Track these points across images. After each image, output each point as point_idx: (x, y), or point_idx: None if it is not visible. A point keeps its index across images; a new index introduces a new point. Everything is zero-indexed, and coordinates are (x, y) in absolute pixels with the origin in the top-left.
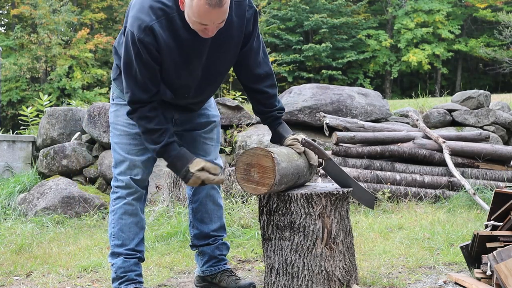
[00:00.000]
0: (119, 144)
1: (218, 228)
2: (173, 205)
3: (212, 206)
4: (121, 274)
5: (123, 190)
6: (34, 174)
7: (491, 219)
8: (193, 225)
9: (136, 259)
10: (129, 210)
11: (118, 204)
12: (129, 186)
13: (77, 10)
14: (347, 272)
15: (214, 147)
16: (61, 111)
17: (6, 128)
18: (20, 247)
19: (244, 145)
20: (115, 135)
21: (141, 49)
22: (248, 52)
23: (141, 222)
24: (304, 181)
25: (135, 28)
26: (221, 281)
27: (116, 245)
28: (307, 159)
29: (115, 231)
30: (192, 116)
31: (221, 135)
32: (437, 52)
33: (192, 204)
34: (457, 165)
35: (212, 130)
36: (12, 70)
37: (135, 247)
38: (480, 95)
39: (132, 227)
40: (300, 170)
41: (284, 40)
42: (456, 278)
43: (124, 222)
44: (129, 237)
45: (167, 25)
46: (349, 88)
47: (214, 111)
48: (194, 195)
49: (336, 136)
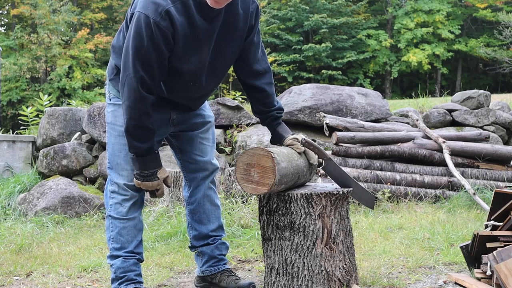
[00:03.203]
0: (117, 144)
1: (216, 228)
2: (173, 205)
3: (210, 207)
4: (121, 274)
5: (119, 196)
6: (34, 174)
7: (491, 219)
8: (191, 226)
9: (135, 259)
10: (126, 215)
11: (115, 210)
12: (125, 192)
13: (77, 10)
14: (347, 272)
15: (211, 147)
16: (61, 111)
17: (6, 128)
18: (20, 247)
19: (244, 145)
20: (112, 135)
21: (155, 33)
22: (249, 46)
23: (139, 225)
24: (304, 181)
25: (151, 11)
26: (221, 281)
27: (115, 248)
28: (307, 159)
29: (113, 235)
30: (189, 116)
31: (221, 135)
32: (437, 52)
33: (190, 206)
34: (457, 165)
35: (208, 130)
36: (12, 70)
37: (133, 249)
38: (480, 95)
39: (130, 230)
40: (300, 170)
41: (284, 40)
42: (456, 278)
43: (122, 225)
44: (128, 240)
45: (182, 9)
46: (349, 88)
47: (209, 112)
48: (191, 197)
49: (336, 136)
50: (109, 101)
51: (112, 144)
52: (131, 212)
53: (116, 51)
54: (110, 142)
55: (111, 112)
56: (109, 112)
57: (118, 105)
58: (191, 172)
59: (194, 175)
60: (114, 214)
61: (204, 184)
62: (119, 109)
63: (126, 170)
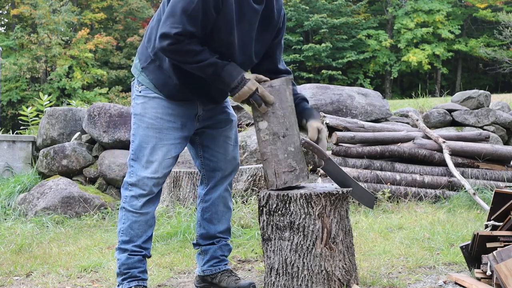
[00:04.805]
0: (145, 136)
1: (224, 230)
2: (173, 205)
3: (223, 208)
4: (124, 270)
5: (138, 190)
6: (34, 174)
7: (491, 219)
8: (200, 224)
9: (141, 256)
10: (140, 209)
11: (129, 203)
12: (144, 186)
13: (77, 10)
14: (347, 272)
15: (233, 147)
16: (61, 111)
17: (6, 128)
18: (20, 247)
19: (244, 145)
20: (140, 127)
21: None
22: (277, 45)
23: (151, 220)
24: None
25: None
26: (221, 281)
27: (123, 241)
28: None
29: (124, 227)
30: (214, 112)
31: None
32: (437, 52)
33: (203, 203)
34: (457, 165)
35: (231, 129)
36: (12, 70)
37: (141, 244)
38: (480, 95)
39: (142, 225)
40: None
41: (284, 40)
42: (456, 278)
43: (135, 219)
44: (138, 234)
45: None
46: (349, 88)
47: (232, 110)
48: (206, 194)
49: (336, 136)
50: (139, 93)
51: (140, 136)
52: (145, 207)
53: (153, 32)
54: (137, 134)
55: (141, 104)
56: (138, 104)
57: (148, 97)
58: (210, 171)
59: (213, 173)
60: (128, 207)
61: (222, 186)
62: (149, 101)
63: (151, 163)
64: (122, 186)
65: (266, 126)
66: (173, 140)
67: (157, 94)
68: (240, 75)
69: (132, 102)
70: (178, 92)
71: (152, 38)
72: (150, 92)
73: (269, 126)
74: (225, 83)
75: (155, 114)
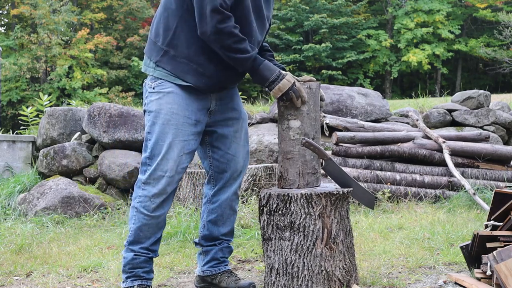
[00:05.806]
0: (162, 133)
1: (227, 233)
2: (173, 205)
3: (229, 211)
4: (129, 269)
5: (152, 189)
6: (34, 174)
7: (491, 219)
8: (205, 225)
9: (147, 257)
10: (153, 212)
11: (142, 203)
12: (158, 185)
13: (77, 10)
14: (347, 272)
15: (243, 147)
16: (61, 111)
17: (6, 128)
18: (20, 247)
19: None
20: (156, 124)
21: None
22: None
23: (161, 223)
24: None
25: None
26: (221, 282)
27: (131, 241)
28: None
29: (134, 228)
30: (226, 108)
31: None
32: (437, 52)
33: (210, 204)
34: (457, 165)
35: (241, 130)
36: (12, 70)
37: (149, 246)
38: (480, 95)
39: (152, 227)
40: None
41: (284, 40)
42: (456, 278)
43: (145, 222)
44: (146, 236)
45: None
46: (349, 88)
47: (243, 109)
48: (214, 196)
49: (336, 136)
50: (152, 90)
51: (156, 133)
52: (157, 210)
53: (160, 26)
54: (153, 131)
55: (156, 100)
56: (153, 100)
57: (163, 93)
58: (219, 172)
59: (221, 174)
60: (140, 208)
61: (231, 188)
62: (164, 97)
63: (167, 160)
64: (135, 184)
65: (299, 125)
66: (187, 136)
67: (172, 88)
68: (277, 70)
69: (145, 101)
70: (199, 76)
71: (160, 32)
72: (165, 87)
73: (301, 125)
74: (263, 76)
75: (170, 109)
